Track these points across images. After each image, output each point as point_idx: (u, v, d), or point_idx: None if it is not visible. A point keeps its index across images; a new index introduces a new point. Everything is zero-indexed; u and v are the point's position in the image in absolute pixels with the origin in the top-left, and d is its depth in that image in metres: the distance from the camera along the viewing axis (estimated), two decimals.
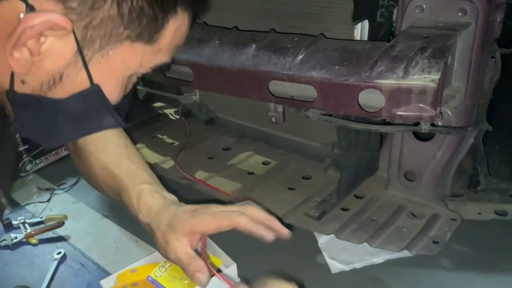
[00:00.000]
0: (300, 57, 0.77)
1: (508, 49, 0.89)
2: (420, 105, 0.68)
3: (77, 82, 0.49)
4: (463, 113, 0.88)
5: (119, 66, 0.50)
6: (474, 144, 0.92)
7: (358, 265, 1.11)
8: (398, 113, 0.70)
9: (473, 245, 1.15)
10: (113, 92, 0.52)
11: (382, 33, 0.87)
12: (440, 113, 0.77)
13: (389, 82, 0.69)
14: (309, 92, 0.76)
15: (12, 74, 0.47)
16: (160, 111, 1.52)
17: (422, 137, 0.94)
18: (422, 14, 0.84)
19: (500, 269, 1.11)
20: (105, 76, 0.50)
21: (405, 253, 0.94)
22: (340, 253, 1.13)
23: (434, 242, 0.89)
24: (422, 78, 0.67)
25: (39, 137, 0.54)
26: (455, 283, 1.09)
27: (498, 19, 0.83)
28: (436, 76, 0.67)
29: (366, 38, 0.87)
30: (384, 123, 0.76)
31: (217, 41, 0.88)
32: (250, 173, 1.15)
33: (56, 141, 0.55)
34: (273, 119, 0.90)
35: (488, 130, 0.98)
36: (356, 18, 0.78)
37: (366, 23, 0.85)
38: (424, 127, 0.72)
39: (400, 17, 0.87)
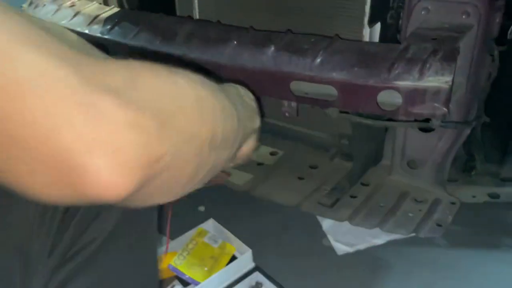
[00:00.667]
0: (320, 58, 0.82)
1: (502, 46, 0.97)
2: (435, 104, 0.75)
3: None
4: (464, 106, 0.96)
5: None
6: (472, 133, 1.00)
7: (361, 246, 1.19)
8: (414, 111, 0.76)
9: (469, 226, 1.26)
10: None
11: (391, 33, 0.93)
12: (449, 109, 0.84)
13: (406, 83, 0.75)
14: (330, 91, 0.81)
15: None
16: None
17: (425, 129, 1.02)
18: (428, 16, 0.91)
19: (493, 246, 1.22)
20: None
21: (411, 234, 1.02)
22: (344, 236, 1.21)
23: (438, 225, 0.98)
24: (437, 80, 0.74)
25: None
26: (452, 260, 1.20)
27: (497, 20, 0.90)
28: (449, 78, 0.73)
29: (375, 38, 0.92)
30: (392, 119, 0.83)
31: (235, 42, 0.92)
32: (260, 164, 1.21)
33: None
34: (287, 114, 0.96)
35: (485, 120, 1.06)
36: (372, 21, 0.83)
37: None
38: (436, 123, 0.79)
39: (406, 18, 0.93)
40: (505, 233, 1.24)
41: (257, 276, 1.00)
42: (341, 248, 1.16)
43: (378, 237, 1.18)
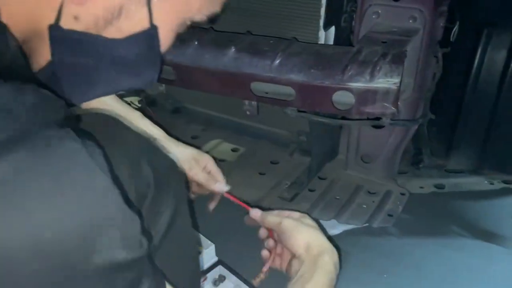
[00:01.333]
0: (279, 60, 0.86)
1: (446, 48, 1.05)
2: (384, 103, 0.81)
3: (135, 21, 0.43)
4: (412, 105, 1.03)
5: (182, 5, 0.45)
6: (419, 129, 1.08)
7: None
8: (366, 110, 0.82)
9: (417, 215, 1.35)
10: (167, 39, 0.46)
11: (345, 36, 0.98)
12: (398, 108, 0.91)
13: (358, 84, 0.80)
14: (288, 92, 0.86)
15: (61, 8, 0.40)
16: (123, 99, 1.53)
17: (376, 126, 1.08)
18: (378, 20, 0.97)
19: (442, 234, 1.32)
20: (164, 16, 0.44)
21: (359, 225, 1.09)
22: None
23: (389, 215, 1.05)
24: (386, 81, 0.79)
25: (74, 88, 0.46)
26: (404, 248, 1.28)
27: (441, 24, 0.98)
28: (397, 79, 0.79)
29: (330, 40, 0.97)
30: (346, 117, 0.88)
31: (196, 42, 0.94)
32: (222, 160, 1.24)
33: (89, 95, 0.47)
34: (248, 112, 0.99)
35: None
36: (327, 25, 0.88)
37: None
38: (385, 121, 0.85)
39: (358, 22, 0.98)
40: (452, 221, 1.34)
41: (220, 270, 1.03)
42: None
43: (335, 228, 1.24)
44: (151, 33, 0.44)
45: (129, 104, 1.54)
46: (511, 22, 1.06)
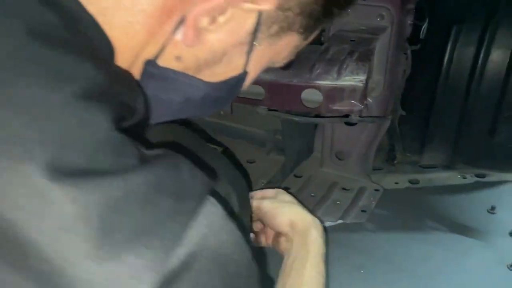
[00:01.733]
0: None
1: (415, 46, 1.07)
2: (351, 101, 0.82)
3: (231, 67, 0.44)
4: (382, 102, 1.05)
5: (274, 55, 0.46)
6: (391, 126, 1.09)
7: None
8: (334, 108, 0.83)
9: (393, 210, 1.37)
10: (250, 80, 0.47)
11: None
12: (366, 105, 0.92)
13: (325, 83, 0.81)
14: (258, 90, 0.86)
15: (164, 46, 0.40)
16: None
17: (349, 123, 1.10)
18: (348, 18, 0.98)
19: (416, 228, 1.34)
20: (257, 63, 0.45)
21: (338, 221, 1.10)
22: None
23: (363, 211, 1.06)
24: (352, 79, 0.81)
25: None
26: (379, 243, 1.30)
27: (409, 22, 0.99)
28: (363, 77, 0.81)
29: None
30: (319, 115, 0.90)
31: None
32: None
33: (157, 120, 0.47)
34: (222, 112, 1.00)
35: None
36: None
37: None
38: (354, 118, 0.86)
39: None
40: (428, 216, 1.37)
41: None
42: None
43: None
44: (241, 77, 0.45)
45: None
46: (479, 18, 1.08)
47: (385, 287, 1.16)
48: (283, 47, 0.45)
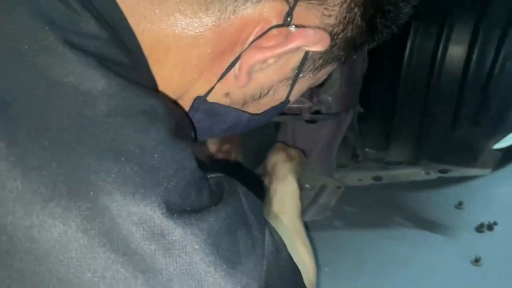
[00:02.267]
0: None
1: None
2: (300, 98, 0.81)
3: (275, 98, 0.45)
4: (341, 99, 1.04)
5: (314, 81, 0.47)
6: (350, 123, 1.09)
7: None
8: None
9: (362, 207, 1.37)
10: (289, 105, 0.49)
11: None
12: (319, 101, 0.92)
13: None
14: None
15: (214, 85, 0.42)
16: None
17: (310, 121, 1.09)
18: None
19: (383, 225, 1.34)
20: (298, 91, 0.47)
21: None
22: None
23: (323, 208, 1.06)
24: None
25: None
26: (346, 240, 1.30)
27: None
28: None
29: None
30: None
31: None
32: None
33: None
34: None
35: (366, 109, 1.16)
36: None
37: None
38: (306, 116, 0.86)
39: None
40: (396, 212, 1.37)
41: None
42: None
43: None
44: (283, 105, 0.47)
45: None
46: (436, 14, 1.08)
47: (349, 284, 1.16)
48: (323, 74, 0.47)
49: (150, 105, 0.35)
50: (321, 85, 0.52)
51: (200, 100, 0.43)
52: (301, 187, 0.82)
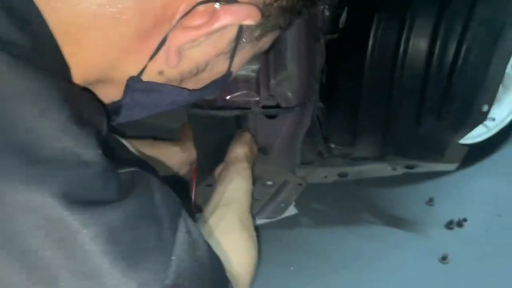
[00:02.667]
0: None
1: (332, 35, 1.04)
2: (247, 91, 0.79)
3: (214, 72, 0.45)
4: (300, 93, 1.02)
5: (256, 50, 0.47)
6: (311, 118, 1.07)
7: None
8: (230, 99, 0.80)
9: (330, 205, 1.34)
10: (233, 75, 0.48)
11: None
12: (271, 95, 0.89)
13: None
14: None
15: (146, 65, 0.41)
16: None
17: (270, 116, 1.07)
18: None
19: (351, 222, 1.31)
20: (240, 61, 0.46)
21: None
22: None
23: (282, 205, 1.04)
24: (245, 69, 0.78)
25: (131, 112, 0.47)
26: (313, 237, 1.27)
27: (319, 10, 0.97)
28: (256, 66, 0.78)
29: None
30: (222, 107, 0.86)
31: None
32: None
33: (136, 117, 0.49)
34: None
35: (331, 105, 1.14)
36: None
37: None
38: (255, 110, 0.83)
39: None
40: (364, 210, 1.34)
41: None
42: None
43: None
44: (226, 77, 0.46)
45: None
46: (398, 5, 1.06)
47: (314, 283, 1.14)
48: (266, 43, 0.46)
49: (44, 90, 0.33)
50: (267, 51, 0.51)
51: (134, 80, 0.42)
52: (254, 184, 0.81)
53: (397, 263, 1.19)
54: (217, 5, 0.37)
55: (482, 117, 1.08)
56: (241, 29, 0.41)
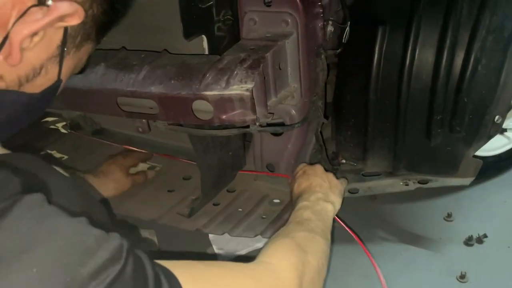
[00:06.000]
0: (143, 73, 0.85)
1: (335, 50, 1.03)
2: (242, 110, 0.78)
3: (48, 77, 0.50)
4: (303, 109, 1.01)
5: (77, 62, 0.54)
6: (315, 135, 1.05)
7: (243, 251, 1.22)
8: (227, 118, 0.80)
9: (334, 220, 1.30)
10: (61, 87, 0.54)
11: (224, 45, 0.96)
12: (271, 113, 0.89)
13: (213, 93, 0.78)
14: (151, 105, 0.84)
15: None
16: (51, 126, 1.54)
17: (275, 133, 1.06)
18: (255, 26, 0.95)
19: (364, 239, 1.27)
20: (66, 70, 0.53)
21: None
22: (227, 244, 1.23)
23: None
24: (239, 88, 0.78)
25: None
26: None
27: (319, 26, 0.96)
28: (250, 85, 0.77)
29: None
30: (222, 127, 0.86)
31: None
32: None
33: (5, 134, 0.53)
34: (140, 129, 0.97)
35: (340, 120, 1.12)
36: (189, 35, 0.86)
37: None
38: (252, 128, 0.83)
39: (240, 30, 0.97)
40: (379, 226, 1.30)
41: None
42: (223, 255, 1.19)
43: (260, 241, 1.21)
44: (57, 85, 0.52)
45: (56, 129, 1.55)
46: (402, 18, 1.04)
47: None
48: (84, 54, 0.54)
49: None
50: (81, 71, 0.59)
51: None
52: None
53: (413, 282, 1.14)
54: (49, 2, 0.44)
55: (495, 129, 1.03)
56: (66, 32, 0.47)
